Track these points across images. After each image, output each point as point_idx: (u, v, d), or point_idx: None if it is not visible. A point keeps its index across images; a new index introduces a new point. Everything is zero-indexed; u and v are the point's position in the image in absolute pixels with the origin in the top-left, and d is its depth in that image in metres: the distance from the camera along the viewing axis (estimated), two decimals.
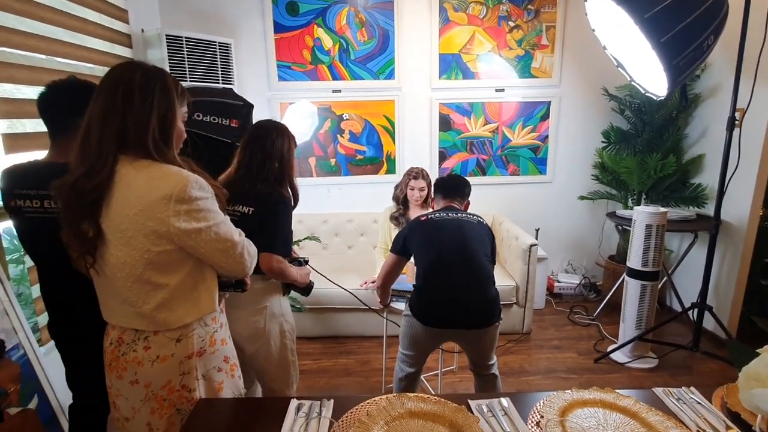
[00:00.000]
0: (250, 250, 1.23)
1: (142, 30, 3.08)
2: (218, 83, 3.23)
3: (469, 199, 2.21)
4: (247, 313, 1.66)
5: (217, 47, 3.18)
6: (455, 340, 2.04)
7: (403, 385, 2.04)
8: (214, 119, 2.07)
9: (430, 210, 2.17)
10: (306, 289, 1.82)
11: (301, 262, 1.79)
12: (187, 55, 3.03)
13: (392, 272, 2.12)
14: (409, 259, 2.08)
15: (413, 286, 2.02)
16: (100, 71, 2.67)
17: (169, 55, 2.98)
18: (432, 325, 1.90)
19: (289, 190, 1.72)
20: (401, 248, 2.05)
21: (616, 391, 1.22)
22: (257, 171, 1.65)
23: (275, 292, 1.72)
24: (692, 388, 1.27)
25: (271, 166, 1.66)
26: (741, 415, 1.08)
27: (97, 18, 2.66)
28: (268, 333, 1.68)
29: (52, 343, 2.18)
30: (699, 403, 1.20)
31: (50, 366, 1.85)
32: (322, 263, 1.95)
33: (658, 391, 1.26)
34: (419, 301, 1.94)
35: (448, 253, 1.90)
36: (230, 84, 3.30)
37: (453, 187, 2.16)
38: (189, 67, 3.05)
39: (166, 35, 2.95)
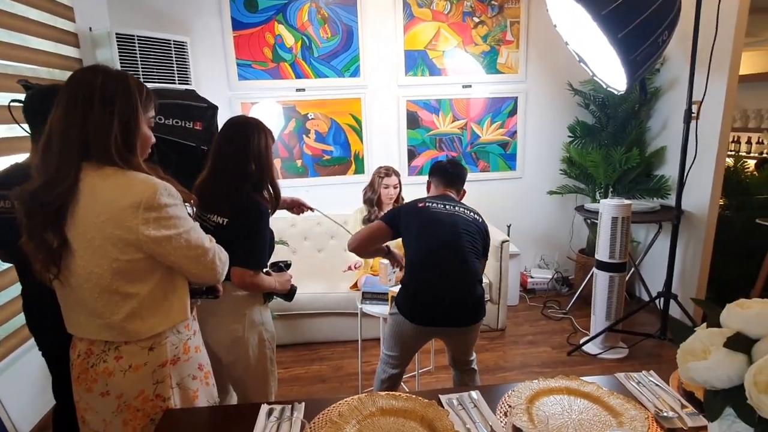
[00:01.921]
0: (221, 257, 1.26)
1: (90, 29, 3.04)
2: (174, 84, 3.23)
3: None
4: (226, 321, 1.66)
5: (172, 46, 3.17)
6: (440, 338, 2.12)
7: (385, 387, 2.10)
8: (176, 122, 2.09)
9: (426, 196, 2.22)
10: (288, 294, 1.82)
11: (281, 267, 1.79)
12: (140, 55, 3.01)
13: (373, 239, 2.10)
14: (394, 238, 2.12)
15: (401, 284, 2.08)
16: (45, 73, 2.64)
17: (120, 56, 2.95)
18: (421, 323, 1.96)
19: (271, 190, 1.68)
20: (391, 221, 2.08)
21: (581, 378, 1.33)
22: (233, 176, 1.61)
23: (255, 300, 1.72)
24: (651, 372, 1.39)
25: (249, 168, 1.61)
26: (695, 393, 1.20)
27: (39, 16, 2.61)
28: (247, 342, 1.67)
29: (7, 358, 2.15)
30: (657, 385, 1.32)
31: (3, 387, 1.82)
32: (292, 268, 2.00)
33: (620, 376, 1.37)
34: (408, 299, 1.99)
35: (440, 251, 1.96)
36: (187, 85, 3.30)
37: (454, 176, 2.21)
38: (142, 68, 3.03)
39: (117, 34, 2.92)
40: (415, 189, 3.75)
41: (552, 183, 4.09)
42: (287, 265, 1.83)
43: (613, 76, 2.52)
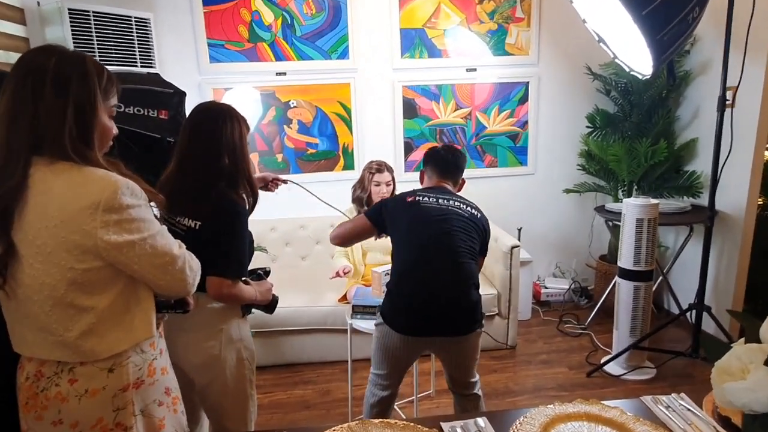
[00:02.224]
0: (192, 265, 1.27)
1: (38, 3, 3.03)
2: (136, 67, 3.22)
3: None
4: (200, 338, 1.65)
5: (133, 23, 3.16)
6: (433, 351, 2.13)
7: (375, 412, 2.10)
8: (138, 111, 2.09)
9: (419, 187, 2.23)
10: (269, 306, 1.83)
11: (261, 275, 1.80)
12: (96, 33, 3.01)
13: (356, 235, 2.17)
14: (379, 234, 2.16)
15: (385, 287, 2.09)
16: None
17: (73, 35, 2.94)
18: (407, 332, 1.98)
19: (247, 187, 1.68)
20: (375, 216, 2.12)
21: (602, 402, 1.34)
22: (204, 172, 1.61)
23: (233, 314, 1.71)
24: (682, 395, 1.41)
25: (221, 162, 1.61)
26: (731, 419, 1.22)
27: None
28: (224, 361, 1.66)
29: None
30: (689, 409, 1.34)
31: None
32: (271, 278, 1.99)
33: (647, 399, 1.39)
34: (392, 306, 2.01)
35: (431, 252, 1.98)
36: (150, 68, 3.30)
37: (450, 165, 2.21)
38: (99, 49, 3.03)
39: (69, 9, 2.91)
40: (412, 186, 3.73)
41: (568, 180, 4.12)
42: (266, 273, 1.84)
43: (638, 58, 2.55)
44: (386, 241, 3.18)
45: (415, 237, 2.02)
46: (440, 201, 2.08)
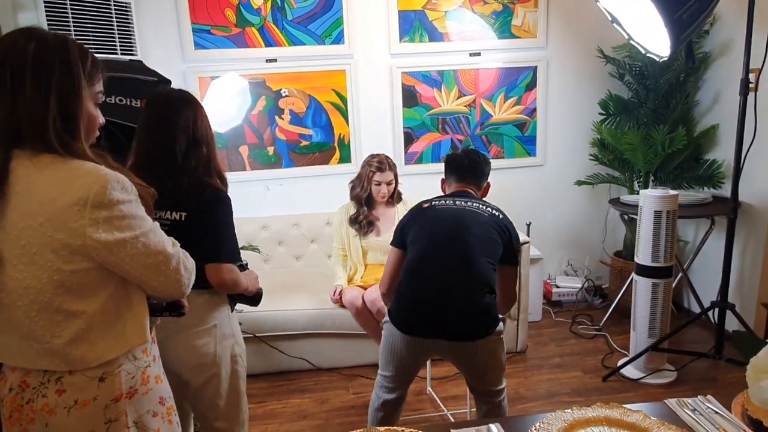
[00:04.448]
0: (186, 264, 1.27)
1: None
2: (116, 55, 3.22)
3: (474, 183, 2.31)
4: (193, 336, 1.70)
5: (113, 8, 3.15)
6: (442, 355, 2.13)
7: (380, 417, 2.11)
8: (120, 100, 2.10)
9: (441, 194, 2.28)
10: (255, 298, 1.86)
11: (244, 266, 1.84)
12: (73, 19, 3.00)
13: (398, 270, 2.19)
14: None
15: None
16: None
17: (48, 20, 2.93)
18: (409, 332, 2.00)
19: (216, 176, 1.75)
20: (399, 240, 2.18)
21: (624, 406, 1.35)
22: (183, 162, 1.66)
23: (223, 306, 1.76)
24: (709, 397, 1.42)
25: (199, 152, 1.68)
26: (763, 422, 1.23)
27: None
28: (219, 359, 1.73)
29: None
30: (717, 412, 1.35)
31: None
32: (263, 280, 1.99)
33: (671, 402, 1.40)
34: (398, 304, 2.05)
35: (441, 249, 2.01)
36: (132, 55, 3.29)
37: (468, 168, 2.26)
38: (76, 35, 3.02)
39: None
40: (412, 181, 3.77)
41: (580, 171, 4.13)
42: (246, 264, 1.87)
43: (654, 39, 2.56)
44: (386, 241, 3.19)
45: (426, 234, 2.06)
46: (457, 202, 2.12)
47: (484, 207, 2.12)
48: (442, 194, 2.29)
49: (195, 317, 1.68)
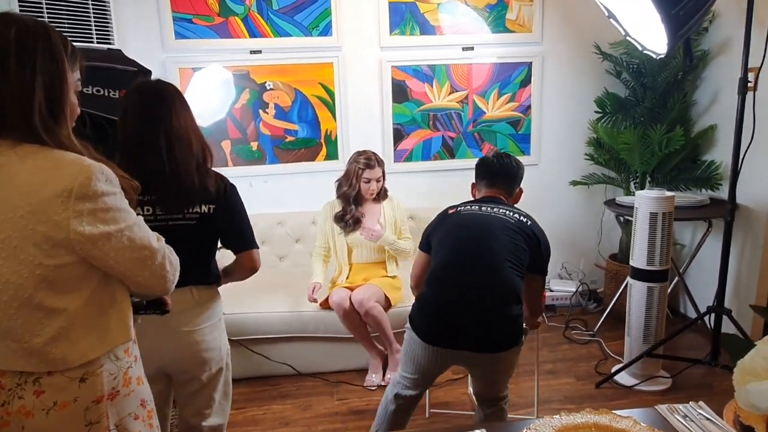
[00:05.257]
0: (172, 260, 1.29)
1: None
2: (92, 43, 3.21)
3: (474, 186, 2.40)
4: (207, 331, 1.80)
5: None
6: (462, 365, 2.17)
7: (390, 411, 2.15)
8: (98, 91, 2.11)
9: (471, 199, 2.33)
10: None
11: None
12: (47, 6, 3.00)
13: (424, 272, 2.24)
14: None
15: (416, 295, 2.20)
16: None
17: (21, 7, 2.93)
18: (432, 342, 2.02)
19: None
20: (425, 244, 2.24)
21: (613, 412, 1.39)
22: (195, 156, 1.75)
23: (219, 296, 1.89)
24: (701, 403, 1.46)
25: (186, 146, 1.74)
26: (755, 428, 1.27)
27: None
28: (225, 353, 1.88)
29: None
30: (708, 418, 1.39)
31: None
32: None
33: (662, 408, 1.44)
34: (420, 311, 2.08)
35: (463, 256, 2.04)
36: (109, 44, 3.29)
37: (499, 173, 2.30)
38: (49, 22, 3.02)
39: None
40: (401, 179, 3.80)
41: (575, 171, 4.19)
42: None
43: (651, 35, 2.60)
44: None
45: (452, 241, 2.10)
46: (483, 208, 2.15)
47: (512, 213, 2.14)
48: (471, 200, 2.32)
49: (205, 312, 1.80)
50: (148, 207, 1.69)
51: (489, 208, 2.15)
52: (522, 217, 2.15)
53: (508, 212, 2.14)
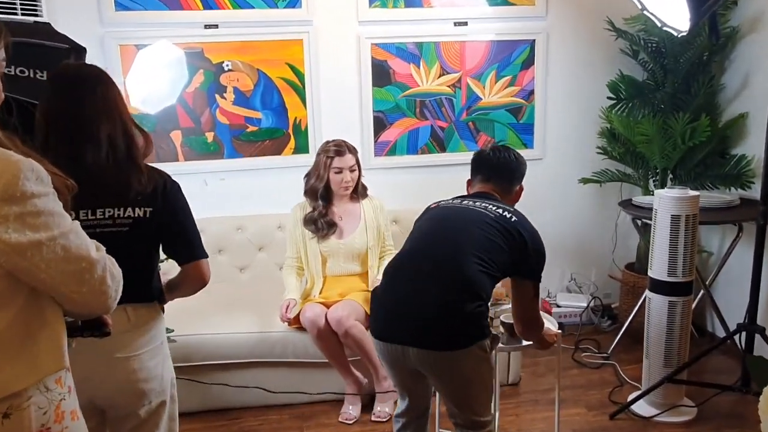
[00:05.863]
0: (114, 272, 1.28)
1: None
2: (16, 15, 3.18)
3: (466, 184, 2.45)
4: (145, 357, 1.76)
5: None
6: (418, 368, 2.16)
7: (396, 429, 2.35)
8: (21, 71, 2.09)
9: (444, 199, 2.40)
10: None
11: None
12: None
13: None
14: None
15: None
16: None
17: None
18: (380, 338, 2.14)
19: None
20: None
21: None
22: (130, 150, 1.73)
23: (162, 320, 1.87)
24: None
25: (122, 136, 1.73)
26: None
27: None
28: (168, 383, 1.85)
29: None
30: None
31: None
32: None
33: None
34: (372, 306, 2.22)
35: (420, 249, 2.16)
36: (36, 16, 3.26)
37: (496, 167, 2.35)
38: None
39: None
40: (383, 176, 3.80)
41: (586, 167, 4.20)
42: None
43: (672, 10, 2.63)
44: (351, 245, 3.23)
45: (416, 233, 2.23)
46: (465, 202, 2.22)
47: (494, 207, 2.18)
48: (460, 195, 2.39)
49: (144, 335, 1.76)
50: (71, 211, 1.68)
51: (472, 202, 2.22)
52: (506, 213, 2.18)
53: (490, 206, 2.19)
